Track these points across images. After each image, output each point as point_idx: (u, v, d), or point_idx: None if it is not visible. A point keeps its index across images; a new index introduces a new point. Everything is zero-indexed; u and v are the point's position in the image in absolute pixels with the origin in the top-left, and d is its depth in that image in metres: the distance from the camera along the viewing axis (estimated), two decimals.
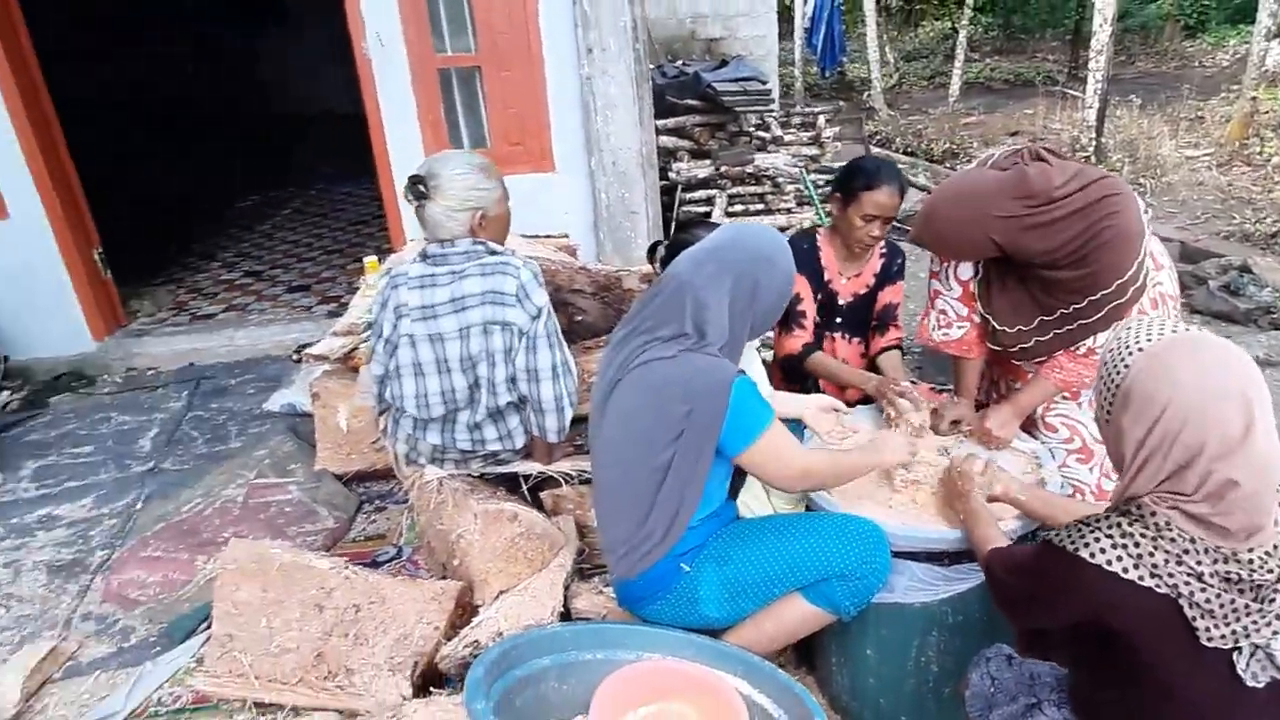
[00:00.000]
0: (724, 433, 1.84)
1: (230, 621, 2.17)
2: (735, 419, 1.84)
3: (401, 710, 1.88)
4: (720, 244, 1.96)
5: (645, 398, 1.87)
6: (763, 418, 1.87)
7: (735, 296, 1.90)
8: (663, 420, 1.84)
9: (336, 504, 3.05)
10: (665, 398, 1.84)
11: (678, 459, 1.86)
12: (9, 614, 2.60)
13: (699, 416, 1.82)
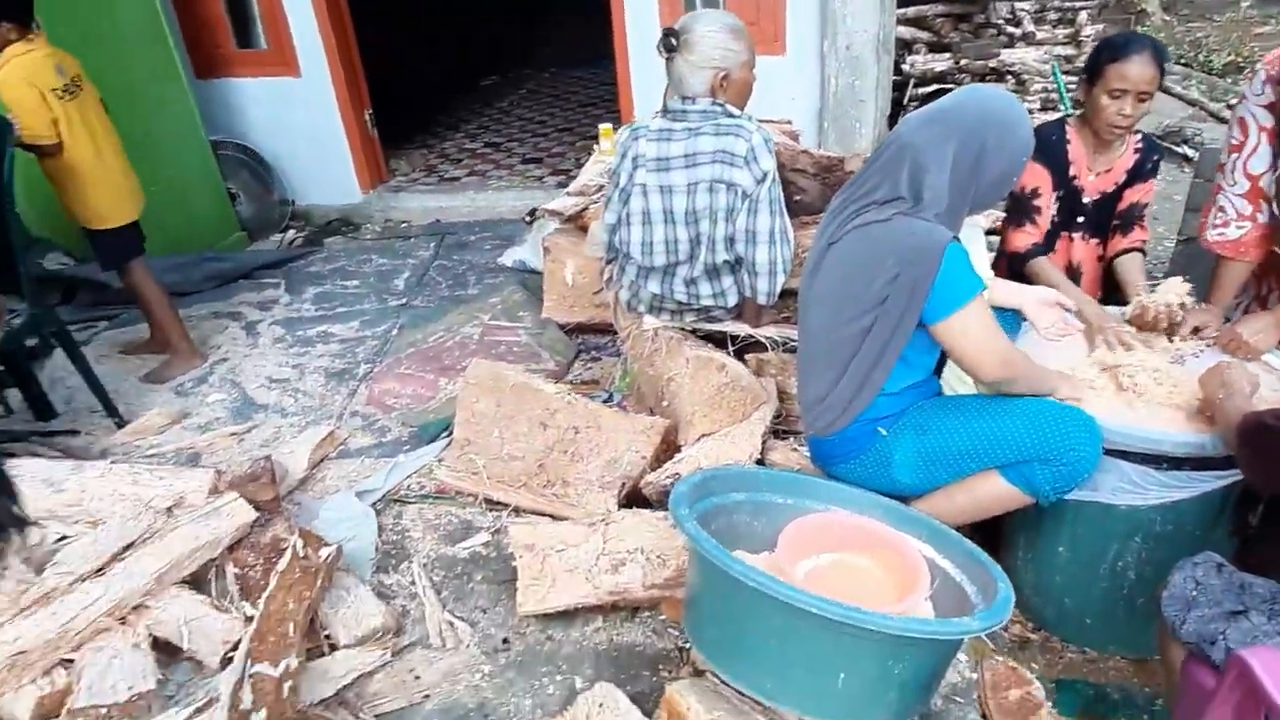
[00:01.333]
0: (930, 298, 1.83)
1: (469, 429, 2.50)
2: (941, 286, 1.80)
3: (610, 518, 2.12)
4: (951, 105, 1.89)
5: (855, 260, 1.90)
6: (969, 290, 1.83)
7: (958, 161, 1.84)
8: (869, 283, 1.86)
9: (558, 349, 3.36)
10: (875, 260, 1.85)
11: (878, 325, 1.89)
12: (296, 403, 3.14)
13: (905, 281, 1.82)
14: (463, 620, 2.10)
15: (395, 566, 2.29)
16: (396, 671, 1.96)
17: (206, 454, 2.75)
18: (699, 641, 1.76)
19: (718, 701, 1.68)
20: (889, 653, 1.53)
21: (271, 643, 1.81)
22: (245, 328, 3.74)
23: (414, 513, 2.50)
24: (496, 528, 2.40)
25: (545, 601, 2.03)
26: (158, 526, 2.12)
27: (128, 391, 3.16)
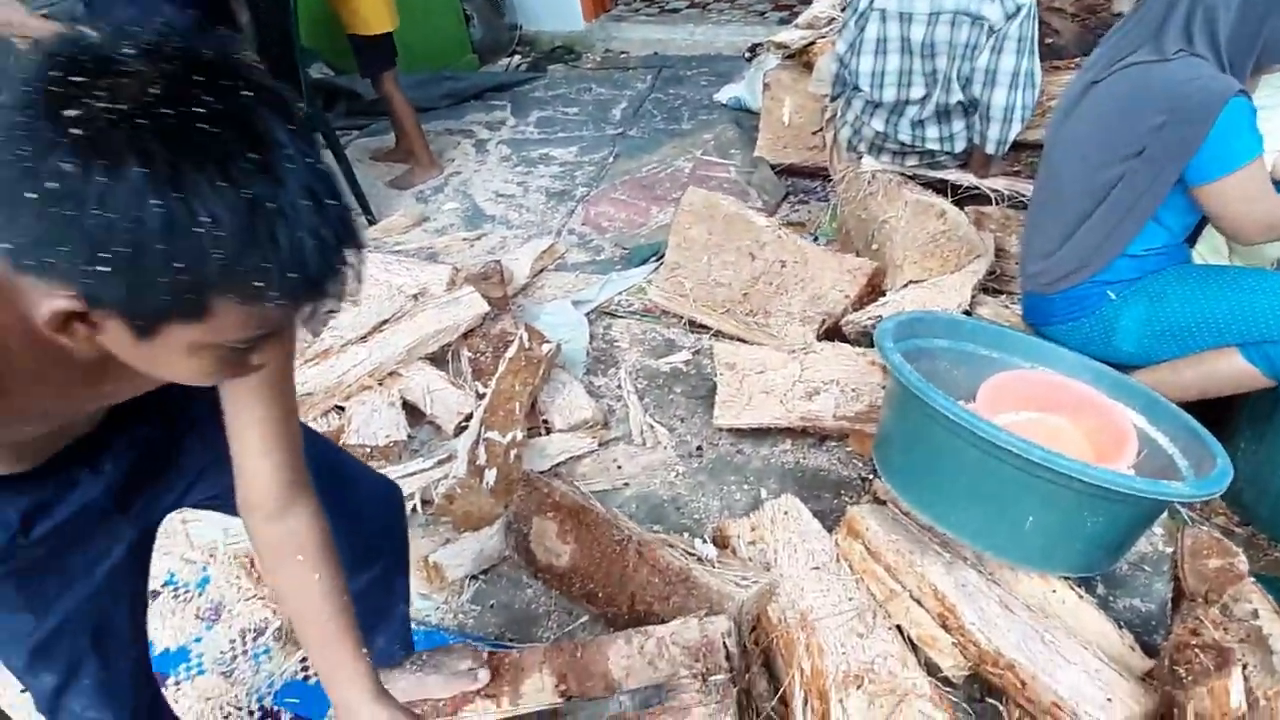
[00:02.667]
0: (1197, 155, 1.67)
1: (680, 253, 2.61)
2: (1216, 141, 1.63)
3: (810, 348, 2.19)
4: None
5: (1117, 103, 1.75)
6: (1246, 151, 1.64)
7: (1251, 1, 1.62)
8: (1128, 130, 1.72)
9: (767, 189, 3.35)
10: (1139, 105, 1.70)
11: (1129, 178, 1.75)
12: (520, 217, 3.37)
13: (1172, 130, 1.66)
14: (662, 425, 2.29)
15: (604, 371, 2.51)
16: (601, 459, 2.19)
17: (443, 254, 3.04)
18: (886, 470, 1.83)
19: (896, 528, 1.77)
20: (1085, 504, 1.54)
21: (500, 416, 2.08)
22: (475, 145, 3.99)
23: (622, 326, 2.69)
24: (698, 348, 2.54)
25: (740, 417, 2.16)
26: (407, 308, 2.43)
27: (376, 194, 3.51)
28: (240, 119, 0.61)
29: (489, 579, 1.91)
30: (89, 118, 0.57)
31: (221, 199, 0.59)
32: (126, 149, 0.57)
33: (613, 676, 1.47)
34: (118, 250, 0.58)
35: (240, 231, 0.60)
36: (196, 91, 0.60)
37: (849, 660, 1.54)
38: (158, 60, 0.60)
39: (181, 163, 0.58)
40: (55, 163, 0.57)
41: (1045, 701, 1.43)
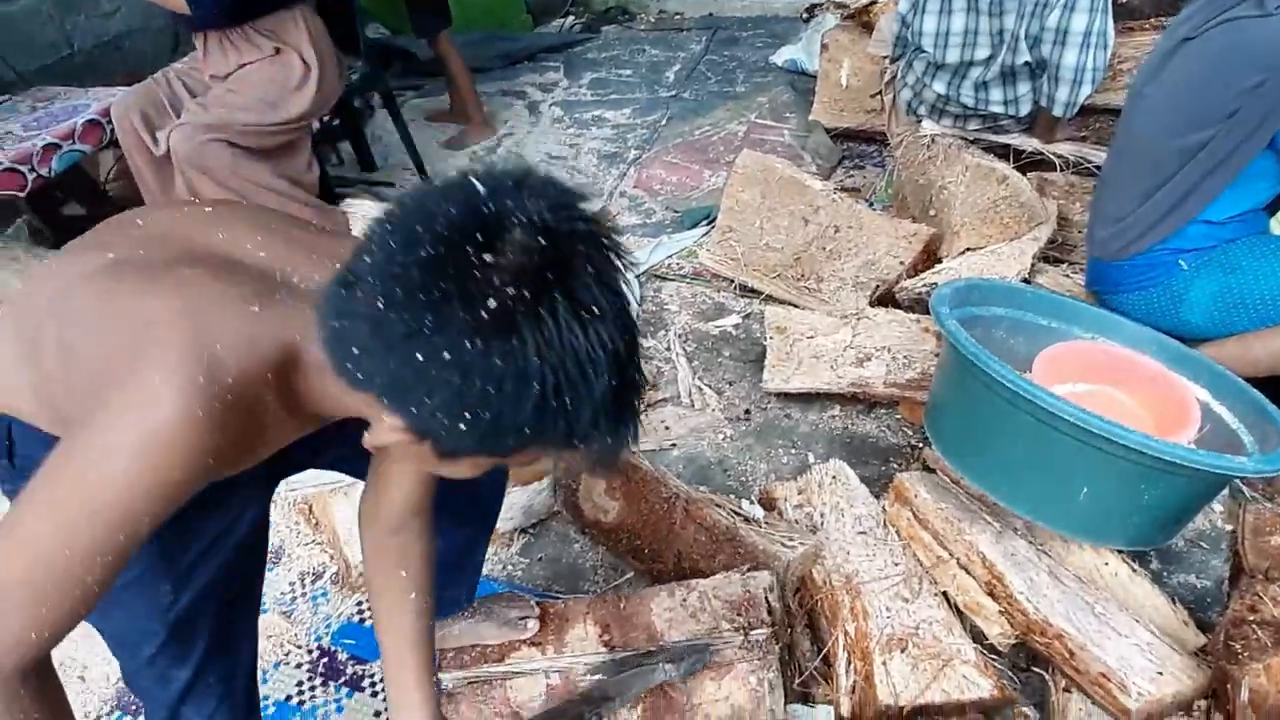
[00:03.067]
0: None
1: (732, 216, 2.59)
2: None
3: (864, 312, 2.17)
4: None
5: (1209, 61, 1.67)
6: None
7: None
8: (1220, 91, 1.65)
9: (821, 153, 3.30)
10: (1234, 64, 1.63)
11: (1216, 141, 1.69)
12: (572, 180, 3.37)
13: (1271, 91, 1.59)
14: (710, 388, 2.29)
15: (653, 333, 2.51)
16: (650, 420, 2.21)
17: None
18: (938, 438, 1.82)
19: (945, 496, 1.76)
20: (1143, 476, 1.51)
21: None
22: (529, 106, 3.99)
23: (672, 289, 2.69)
24: (748, 312, 2.53)
25: (789, 382, 2.16)
26: None
27: (430, 154, 3.54)
28: (592, 303, 0.63)
29: (537, 533, 1.95)
30: (496, 301, 0.60)
31: (589, 388, 0.64)
32: (526, 333, 0.61)
33: (655, 628, 1.50)
34: (482, 417, 0.63)
35: (591, 416, 0.66)
36: (570, 273, 0.63)
37: (893, 624, 1.55)
38: (539, 232, 0.62)
39: (566, 354, 0.62)
40: (457, 338, 0.60)
41: (1093, 672, 1.42)
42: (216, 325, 0.71)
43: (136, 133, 2.53)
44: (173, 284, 0.73)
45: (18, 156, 2.45)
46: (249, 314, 0.74)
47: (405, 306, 0.61)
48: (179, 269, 0.75)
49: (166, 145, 2.49)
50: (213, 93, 2.54)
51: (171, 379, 0.67)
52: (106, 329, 0.73)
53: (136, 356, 0.69)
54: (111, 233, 0.87)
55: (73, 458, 0.69)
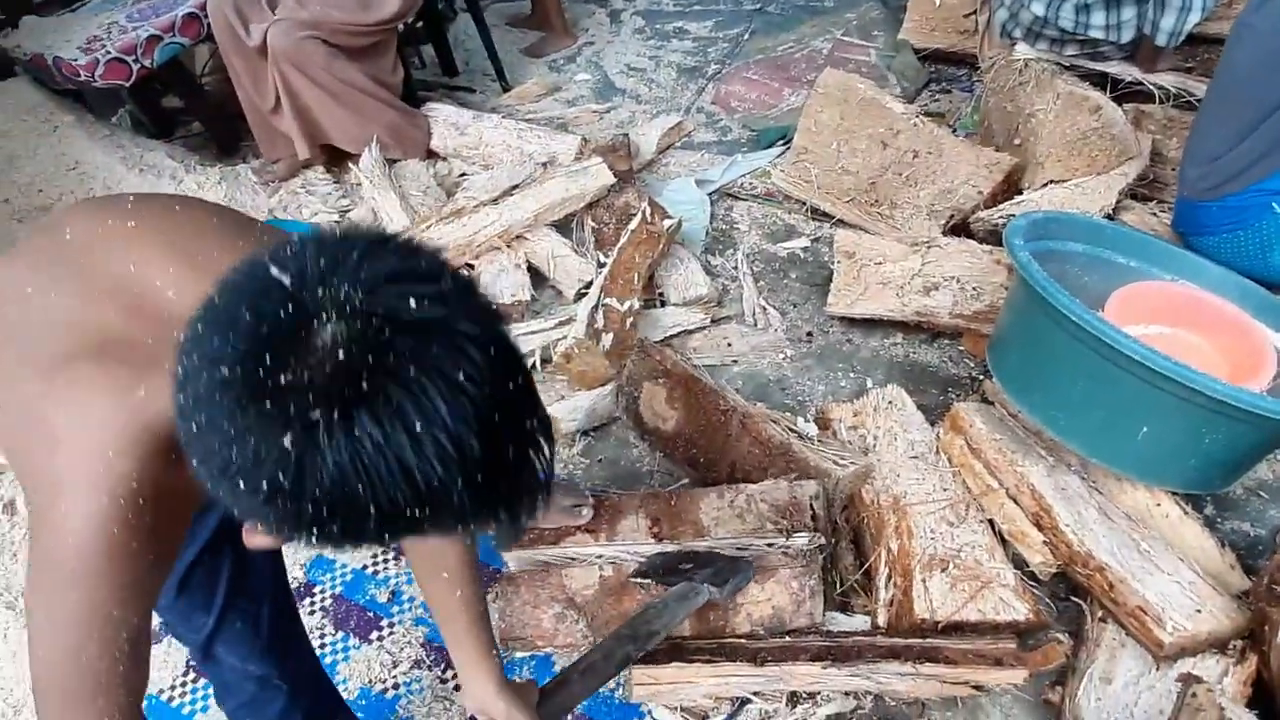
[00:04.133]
0: None
1: (809, 137, 2.56)
2: None
3: (935, 241, 2.15)
4: None
5: None
6: None
7: None
8: None
9: (907, 75, 3.19)
10: None
11: None
12: (650, 93, 3.35)
13: None
14: (774, 309, 2.32)
15: (721, 251, 2.53)
16: (712, 336, 2.25)
17: (573, 124, 3.08)
18: (1000, 371, 1.82)
19: (1001, 428, 1.77)
20: (1206, 420, 1.50)
21: (619, 284, 2.15)
22: (610, 15, 3.93)
23: (743, 209, 2.69)
24: (817, 235, 2.53)
25: (853, 307, 2.17)
26: (536, 175, 2.50)
27: (510, 62, 3.54)
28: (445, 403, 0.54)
29: (598, 436, 2.03)
30: (302, 426, 0.53)
31: (443, 502, 0.57)
32: (342, 458, 0.53)
33: (702, 524, 1.59)
34: (331, 530, 0.57)
35: (462, 492, 0.57)
36: (397, 356, 0.54)
37: (937, 545, 1.60)
38: (348, 336, 0.53)
39: (395, 473, 0.54)
40: (272, 472, 0.54)
41: (1131, 605, 1.45)
42: (109, 432, 0.73)
43: (231, 26, 2.61)
44: (66, 389, 0.75)
45: (123, 47, 2.56)
46: (136, 404, 0.73)
47: (215, 437, 0.55)
48: (75, 364, 0.75)
49: (261, 39, 2.56)
50: None
51: (82, 508, 0.71)
52: (21, 433, 0.78)
53: (53, 482, 0.73)
54: (34, 255, 0.87)
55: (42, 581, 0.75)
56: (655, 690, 1.46)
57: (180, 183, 2.72)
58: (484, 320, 0.59)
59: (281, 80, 2.59)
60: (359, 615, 1.73)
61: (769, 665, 1.43)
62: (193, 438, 0.58)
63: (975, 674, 1.42)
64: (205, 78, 3.22)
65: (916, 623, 1.51)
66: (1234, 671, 1.39)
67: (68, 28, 2.70)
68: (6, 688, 1.67)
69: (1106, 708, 1.40)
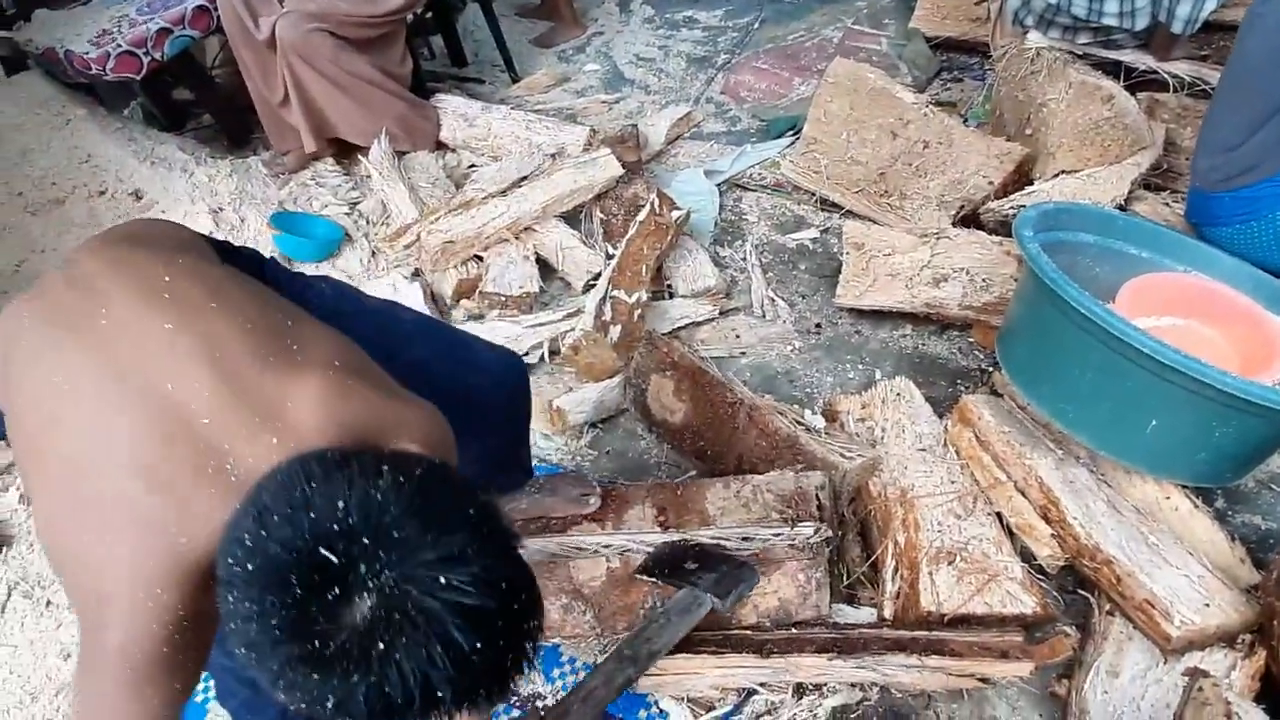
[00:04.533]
0: None
1: (818, 128, 2.54)
2: None
3: (945, 231, 2.14)
4: None
5: None
6: None
7: None
8: None
9: (918, 64, 3.17)
10: None
11: None
12: (659, 83, 3.34)
13: None
14: (783, 300, 2.31)
15: (730, 243, 2.53)
16: (721, 328, 2.25)
17: (582, 115, 3.07)
18: (1009, 363, 1.82)
19: (1010, 420, 1.77)
20: (1215, 413, 1.49)
21: (627, 277, 2.15)
22: (619, 4, 3.91)
23: (752, 199, 2.68)
24: (827, 226, 2.52)
25: (862, 299, 2.16)
26: (545, 167, 2.50)
27: (519, 52, 3.53)
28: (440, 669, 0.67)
29: (607, 427, 2.04)
30: (328, 641, 0.65)
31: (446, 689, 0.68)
32: (360, 670, 0.65)
33: (708, 514, 1.60)
34: None
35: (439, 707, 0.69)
36: (413, 636, 0.66)
37: (944, 538, 1.60)
38: (382, 605, 0.66)
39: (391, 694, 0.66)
40: (305, 678, 0.66)
41: (1138, 598, 1.45)
42: (157, 570, 0.80)
43: (239, 19, 2.61)
44: (113, 520, 0.81)
45: (134, 40, 2.57)
46: (177, 548, 0.80)
47: (262, 665, 0.68)
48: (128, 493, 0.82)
49: (269, 32, 2.56)
50: None
51: (130, 632, 0.80)
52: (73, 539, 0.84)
53: (102, 600, 0.81)
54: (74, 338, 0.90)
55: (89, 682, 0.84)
56: (661, 681, 1.47)
57: (191, 175, 2.73)
58: (502, 571, 0.71)
59: (289, 73, 2.60)
60: None
61: (775, 657, 1.44)
62: (237, 655, 0.69)
63: (981, 666, 1.42)
64: (216, 70, 3.23)
65: (923, 615, 1.52)
66: (1242, 666, 1.38)
67: (79, 21, 2.71)
68: (24, 674, 1.70)
69: (1113, 701, 1.40)
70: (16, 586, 1.84)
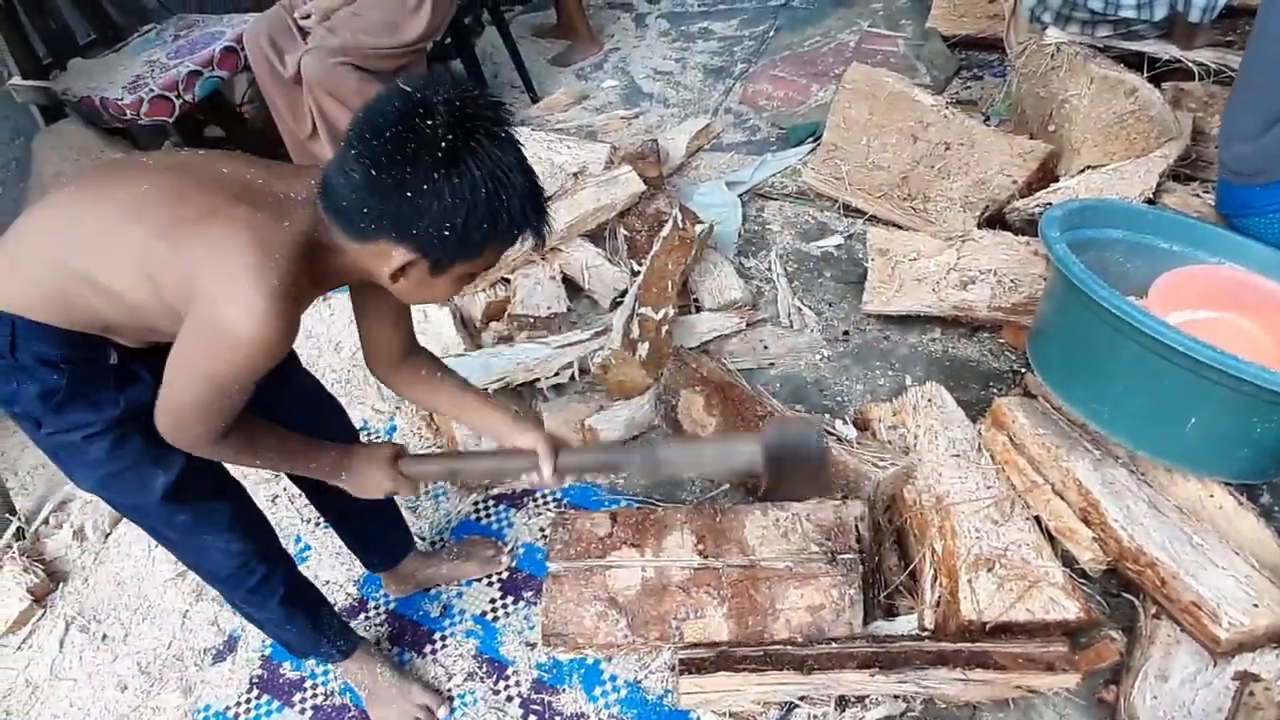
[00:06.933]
0: None
1: (838, 134, 2.55)
2: None
3: (970, 234, 2.13)
4: None
5: None
6: None
7: None
8: None
9: (937, 64, 3.15)
10: None
11: None
12: (677, 95, 3.36)
13: None
14: (810, 309, 2.31)
15: (754, 253, 2.53)
16: (749, 339, 2.26)
17: (602, 132, 3.10)
18: (1041, 364, 1.80)
19: (1045, 422, 1.75)
20: (1255, 409, 1.47)
21: (653, 294, 2.17)
22: (635, 19, 3.94)
23: (775, 208, 2.68)
24: (850, 232, 2.51)
25: (889, 304, 2.16)
26: (568, 186, 2.53)
27: (537, 71, 3.57)
28: (499, 136, 0.97)
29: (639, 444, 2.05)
30: (444, 144, 0.92)
31: (514, 186, 0.97)
32: (468, 160, 0.94)
33: (747, 543, 1.60)
34: (455, 223, 0.96)
35: (520, 204, 0.99)
36: (479, 123, 0.95)
37: (982, 544, 1.58)
38: (455, 104, 0.94)
39: (494, 165, 0.95)
40: (427, 171, 0.93)
41: (1184, 600, 1.43)
42: (271, 245, 0.99)
43: (266, 58, 2.68)
44: (225, 216, 1.00)
45: (166, 84, 2.64)
46: (283, 230, 1.01)
47: (388, 167, 0.94)
48: (226, 207, 1.01)
49: (295, 69, 2.63)
50: (338, 15, 2.65)
51: (259, 289, 0.96)
52: (183, 255, 0.99)
53: (227, 274, 0.98)
54: (127, 169, 1.11)
55: (206, 347, 1.01)
56: (704, 698, 1.48)
57: None
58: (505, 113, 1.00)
59: (316, 107, 2.65)
60: (413, 630, 1.78)
61: (816, 673, 1.44)
62: (360, 192, 0.97)
63: (1027, 679, 1.41)
64: (244, 106, 3.31)
65: (964, 624, 1.50)
66: None
67: (112, 69, 2.80)
68: (83, 707, 1.75)
69: (1162, 706, 1.38)
70: (74, 621, 1.90)
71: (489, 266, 1.10)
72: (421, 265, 1.02)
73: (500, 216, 0.98)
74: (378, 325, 1.33)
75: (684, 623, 1.55)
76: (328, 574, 1.89)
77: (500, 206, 0.97)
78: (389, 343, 1.35)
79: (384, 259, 1.02)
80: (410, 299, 1.15)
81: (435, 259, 1.01)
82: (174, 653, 1.81)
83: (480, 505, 1.98)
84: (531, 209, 1.01)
